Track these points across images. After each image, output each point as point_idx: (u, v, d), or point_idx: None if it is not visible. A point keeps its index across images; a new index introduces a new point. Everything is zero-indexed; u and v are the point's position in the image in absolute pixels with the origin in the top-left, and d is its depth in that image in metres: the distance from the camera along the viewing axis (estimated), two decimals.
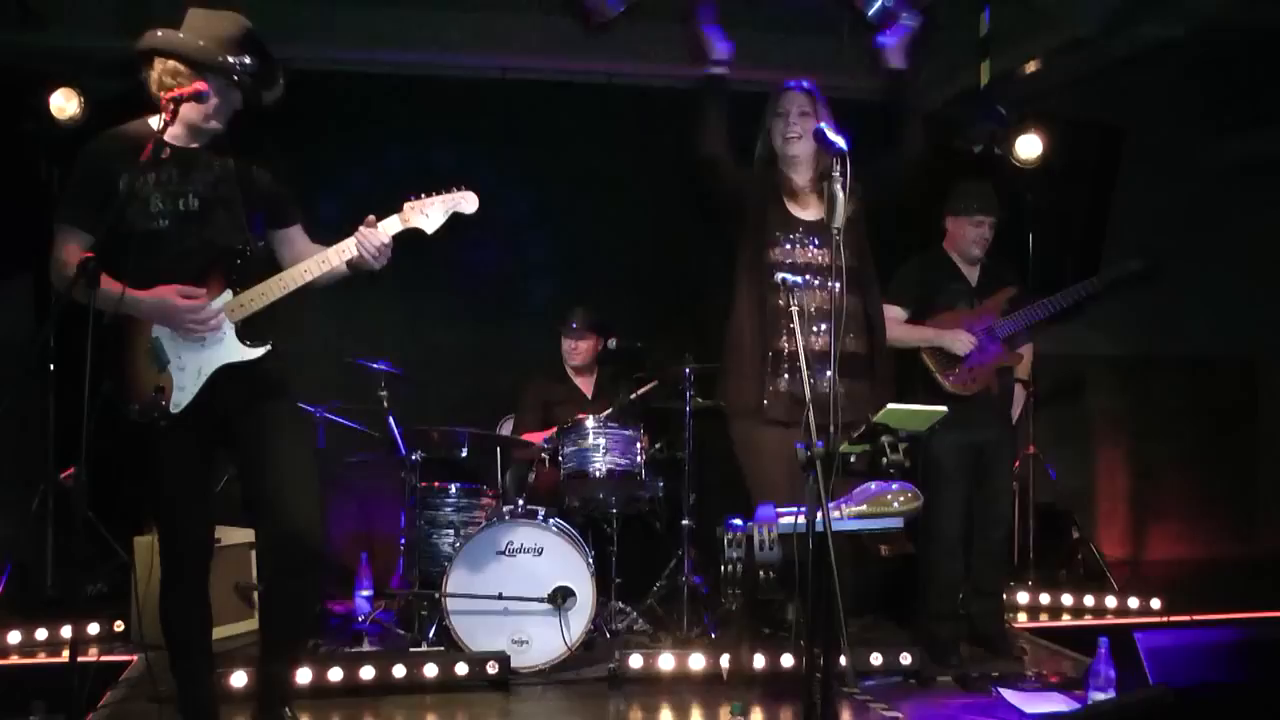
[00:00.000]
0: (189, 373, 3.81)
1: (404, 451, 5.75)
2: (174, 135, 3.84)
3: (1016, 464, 6.44)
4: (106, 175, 3.67)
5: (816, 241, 4.27)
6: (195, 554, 3.89)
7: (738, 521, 3.85)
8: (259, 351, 3.86)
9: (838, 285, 3.63)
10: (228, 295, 3.84)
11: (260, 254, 3.93)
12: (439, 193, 3.97)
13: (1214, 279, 8.23)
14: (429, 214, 3.95)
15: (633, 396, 6.17)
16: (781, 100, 4.42)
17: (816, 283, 4.24)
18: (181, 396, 3.80)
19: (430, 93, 7.13)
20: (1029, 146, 6.90)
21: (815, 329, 4.25)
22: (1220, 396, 8.53)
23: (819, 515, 3.52)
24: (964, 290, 5.50)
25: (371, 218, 3.88)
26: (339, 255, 3.87)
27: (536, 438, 6.11)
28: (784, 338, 4.21)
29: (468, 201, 4.00)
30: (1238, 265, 8.24)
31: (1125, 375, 8.43)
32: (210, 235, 3.82)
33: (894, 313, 5.46)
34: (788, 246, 4.29)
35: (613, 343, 6.48)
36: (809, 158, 4.41)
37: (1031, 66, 6.88)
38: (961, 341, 5.35)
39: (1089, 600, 6.54)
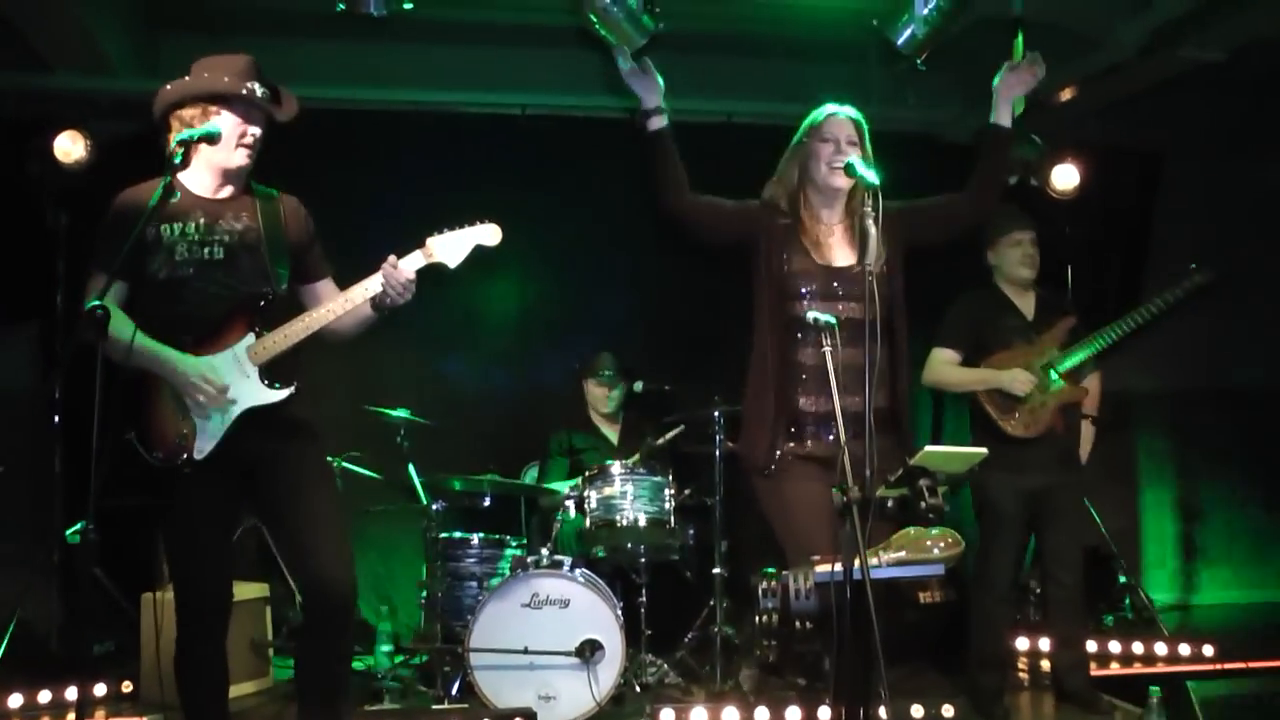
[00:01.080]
0: (214, 417, 3.83)
1: (425, 501, 5.75)
2: (202, 185, 3.93)
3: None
4: (134, 224, 3.71)
5: (843, 291, 4.11)
6: (214, 607, 3.90)
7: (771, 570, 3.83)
8: (284, 394, 3.88)
9: (870, 320, 3.57)
10: (250, 338, 3.88)
11: (284, 297, 3.97)
12: (460, 227, 4.00)
13: (1262, 310, 8.18)
14: (451, 248, 3.98)
15: (659, 441, 6.17)
16: (827, 125, 4.16)
17: (846, 335, 4.09)
18: (206, 442, 3.82)
19: (446, 131, 7.18)
20: (1065, 176, 6.91)
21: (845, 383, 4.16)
22: (1273, 433, 8.45)
23: (855, 562, 3.49)
24: (1019, 325, 5.46)
25: (392, 258, 3.91)
26: (363, 293, 3.91)
27: (560, 486, 6.11)
28: (808, 397, 4.10)
29: (490, 234, 4.04)
30: None
31: (1172, 412, 8.35)
32: (235, 282, 3.88)
33: (946, 355, 5.44)
34: (813, 299, 4.11)
35: (639, 385, 6.48)
36: (844, 193, 4.30)
37: (1067, 94, 6.88)
38: (1020, 381, 5.29)
39: (1138, 647, 6.47)
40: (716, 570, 5.83)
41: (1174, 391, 8.34)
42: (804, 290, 4.07)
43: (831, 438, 3.96)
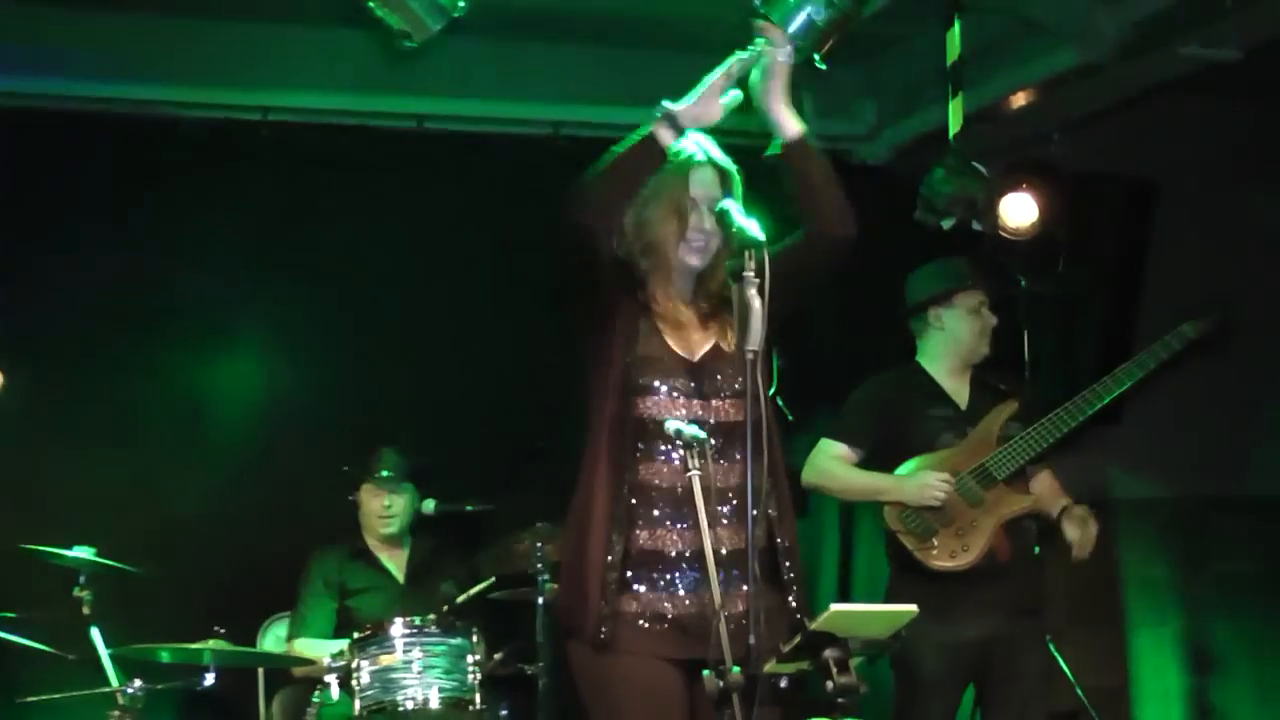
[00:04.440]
0: None
1: (116, 682, 5.64)
2: None
3: None
4: None
5: (706, 387, 4.08)
6: None
7: None
8: None
9: (755, 421, 3.63)
10: None
11: None
12: None
13: None
14: None
15: (459, 599, 6.20)
16: (690, 177, 4.13)
17: (714, 447, 4.10)
18: None
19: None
20: (1019, 210, 6.94)
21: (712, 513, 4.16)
22: None
23: None
24: (950, 418, 5.60)
25: None
26: None
27: (327, 650, 6.03)
28: (655, 532, 4.10)
29: None
30: None
31: (1170, 525, 8.49)
32: None
33: (838, 450, 5.56)
34: (664, 397, 4.09)
35: (430, 505, 6.51)
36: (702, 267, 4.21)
37: (1020, 100, 7.10)
38: (930, 488, 5.40)
39: None
40: None
41: (1173, 497, 8.48)
42: (656, 385, 4.09)
43: (688, 591, 3.96)
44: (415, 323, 7.35)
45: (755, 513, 3.64)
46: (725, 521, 3.98)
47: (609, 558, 4.02)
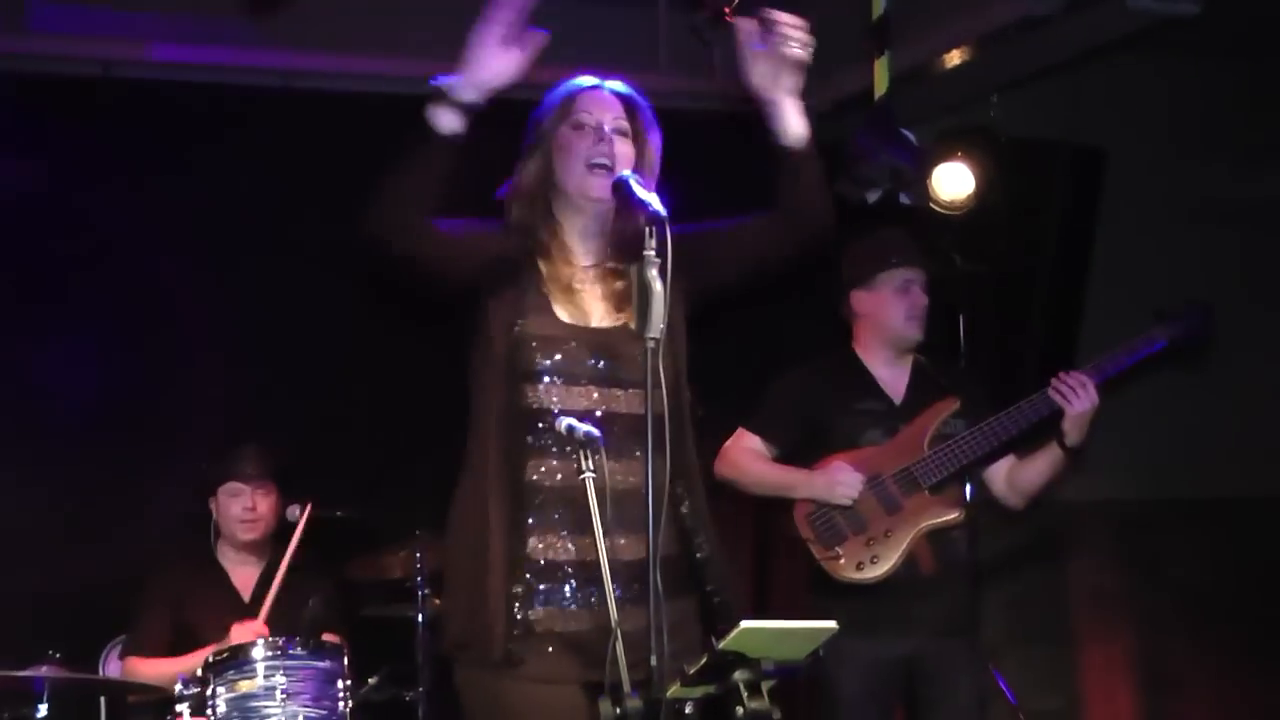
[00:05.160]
0: None
1: None
2: None
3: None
4: None
5: (607, 370, 4.07)
6: None
7: None
8: None
9: (657, 416, 3.60)
10: None
11: None
12: None
13: (1258, 374, 8.48)
14: None
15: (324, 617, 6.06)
16: (581, 103, 4.16)
17: (614, 444, 4.05)
18: None
19: None
20: (955, 182, 7.04)
21: (613, 517, 4.10)
22: (1271, 554, 8.67)
23: None
24: (878, 412, 5.63)
25: None
26: None
27: (169, 668, 5.98)
28: (548, 539, 4.05)
29: None
30: None
31: (1123, 530, 8.61)
32: None
33: (752, 443, 5.61)
34: (558, 382, 4.10)
35: (294, 513, 6.43)
36: (606, 218, 4.22)
37: (955, 58, 7.08)
38: (842, 484, 5.43)
39: None
40: None
41: (1128, 501, 8.58)
42: (543, 367, 4.05)
43: (588, 605, 3.95)
44: (278, 307, 7.31)
45: (657, 517, 3.59)
46: (623, 529, 3.94)
47: (510, 569, 4.00)
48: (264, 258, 7.28)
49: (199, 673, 5.73)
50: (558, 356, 4.06)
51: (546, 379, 4.05)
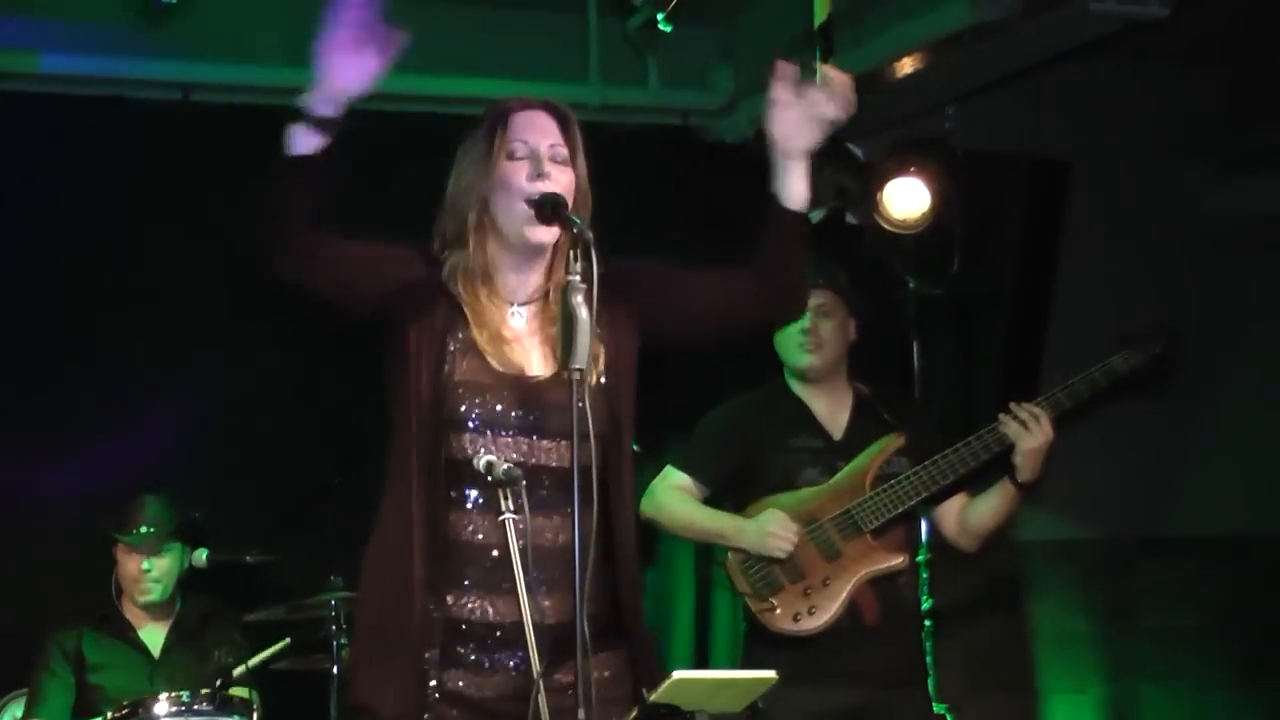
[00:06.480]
0: None
1: None
2: None
3: None
4: None
5: (536, 420, 3.97)
6: None
7: None
8: None
9: (584, 466, 3.61)
10: None
11: None
12: None
13: (1234, 400, 8.52)
14: None
15: (245, 668, 6.11)
16: (513, 128, 4.06)
17: (542, 495, 4.01)
18: None
19: None
20: (908, 198, 7.06)
21: (538, 576, 4.07)
22: (1257, 601, 8.71)
23: None
24: (815, 450, 5.63)
25: None
26: None
27: None
28: (470, 600, 4.02)
29: None
30: (1271, 375, 8.50)
31: (1092, 571, 8.60)
32: None
33: (680, 480, 5.61)
34: (488, 434, 4.05)
35: (203, 556, 6.44)
36: (545, 252, 4.08)
37: (908, 66, 7.11)
38: (775, 535, 5.44)
39: None
40: None
41: (1097, 540, 8.58)
42: (470, 416, 4.00)
43: (505, 669, 3.93)
44: (181, 336, 7.27)
45: (585, 574, 3.60)
46: (548, 589, 3.93)
47: (424, 630, 3.95)
48: (171, 294, 7.26)
49: None
50: (483, 405, 4.00)
51: (472, 426, 3.99)
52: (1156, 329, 5.71)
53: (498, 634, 3.95)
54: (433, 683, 3.95)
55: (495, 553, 3.88)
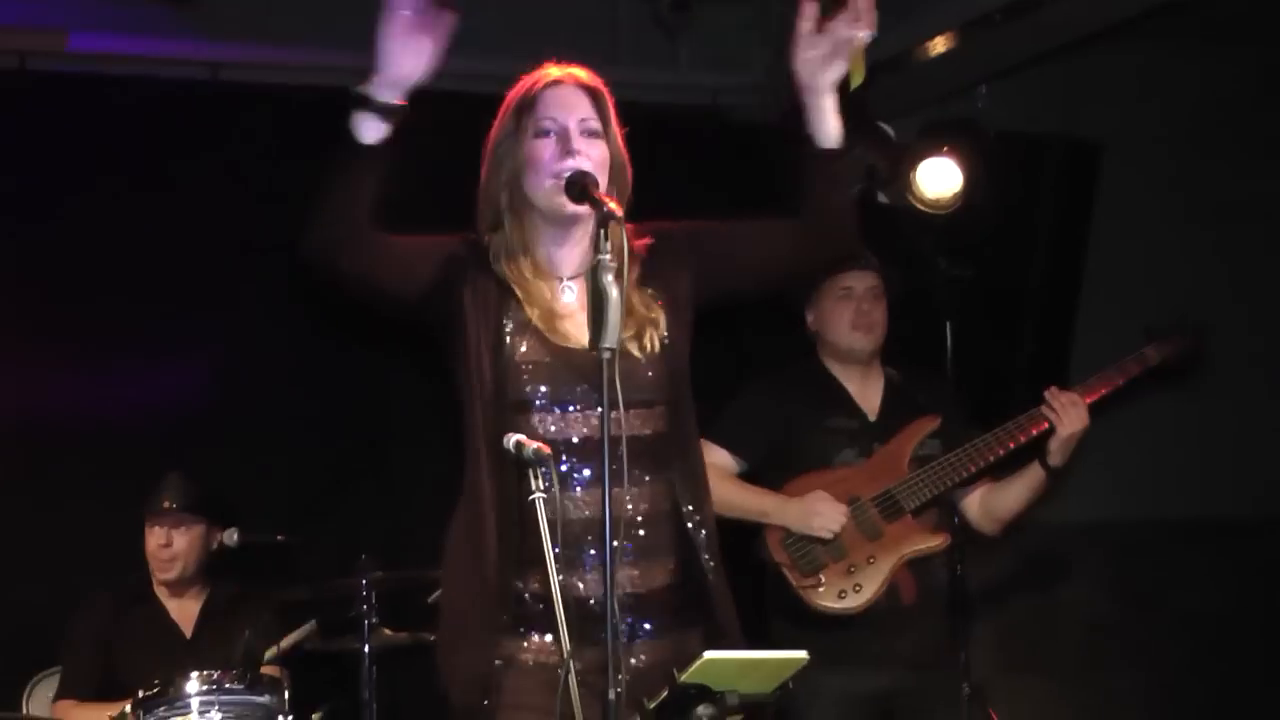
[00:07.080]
0: None
1: None
2: None
3: None
4: None
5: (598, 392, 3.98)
6: None
7: None
8: None
9: (613, 439, 3.62)
10: None
11: None
12: None
13: (1266, 384, 8.54)
14: None
15: (276, 649, 6.12)
16: (544, 103, 4.05)
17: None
18: None
19: None
20: (940, 179, 7.05)
21: (589, 553, 4.07)
22: (1275, 579, 8.70)
23: None
24: (851, 430, 5.64)
25: None
26: None
27: (105, 714, 5.98)
28: (542, 573, 4.00)
29: None
30: None
31: (1122, 554, 8.61)
32: None
33: (719, 457, 5.54)
34: (555, 411, 4.04)
35: (233, 537, 6.43)
36: (585, 222, 4.05)
37: (940, 46, 7.12)
38: (823, 515, 5.44)
39: None
40: None
41: (1128, 523, 8.58)
42: (538, 395, 4.03)
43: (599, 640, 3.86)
44: (213, 316, 7.28)
45: (615, 545, 3.63)
46: (632, 558, 3.97)
47: (502, 607, 4.00)
48: (200, 274, 7.25)
49: (127, 710, 5.71)
50: (549, 382, 4.03)
51: (539, 404, 4.01)
52: (1185, 322, 5.76)
53: (580, 606, 3.95)
54: (513, 654, 4.02)
55: (571, 529, 3.90)
